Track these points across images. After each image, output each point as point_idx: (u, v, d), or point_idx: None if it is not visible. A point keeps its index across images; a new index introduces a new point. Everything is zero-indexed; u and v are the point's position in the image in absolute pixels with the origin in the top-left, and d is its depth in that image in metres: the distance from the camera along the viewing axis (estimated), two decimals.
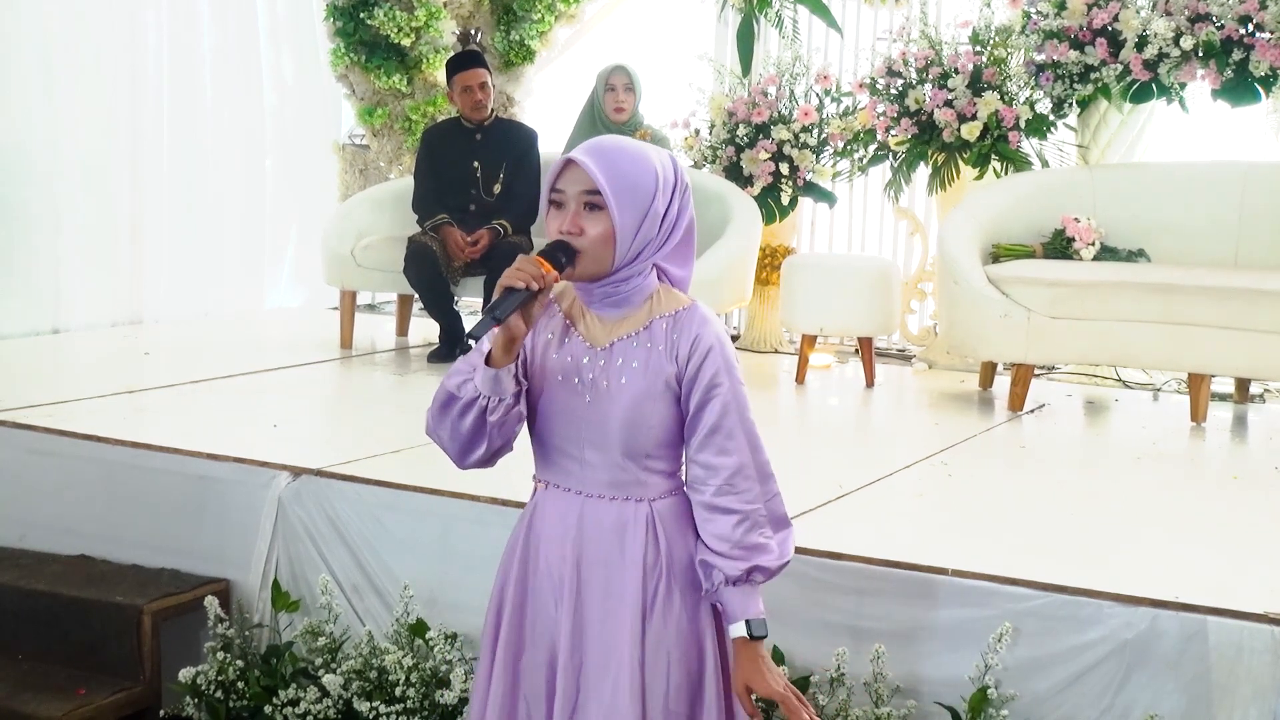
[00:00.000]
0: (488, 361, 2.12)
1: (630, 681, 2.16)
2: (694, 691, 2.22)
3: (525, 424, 2.23)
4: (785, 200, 6.31)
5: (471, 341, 2.11)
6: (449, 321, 5.79)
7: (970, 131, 5.66)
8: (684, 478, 2.25)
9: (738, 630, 2.18)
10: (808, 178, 6.32)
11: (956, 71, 5.72)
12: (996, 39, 5.80)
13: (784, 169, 6.21)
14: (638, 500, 2.20)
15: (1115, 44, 5.44)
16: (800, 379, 5.66)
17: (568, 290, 2.25)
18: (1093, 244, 5.27)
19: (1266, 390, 5.59)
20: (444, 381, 2.19)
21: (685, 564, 2.21)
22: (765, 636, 2.20)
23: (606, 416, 2.16)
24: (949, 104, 5.71)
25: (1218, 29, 5.28)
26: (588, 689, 2.19)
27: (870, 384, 5.62)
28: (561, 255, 2.11)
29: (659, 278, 2.23)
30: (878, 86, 5.94)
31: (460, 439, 2.18)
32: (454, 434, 2.18)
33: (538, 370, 2.21)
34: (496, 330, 2.07)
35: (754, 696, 2.22)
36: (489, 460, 2.22)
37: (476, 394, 2.13)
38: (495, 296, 2.07)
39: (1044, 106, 5.73)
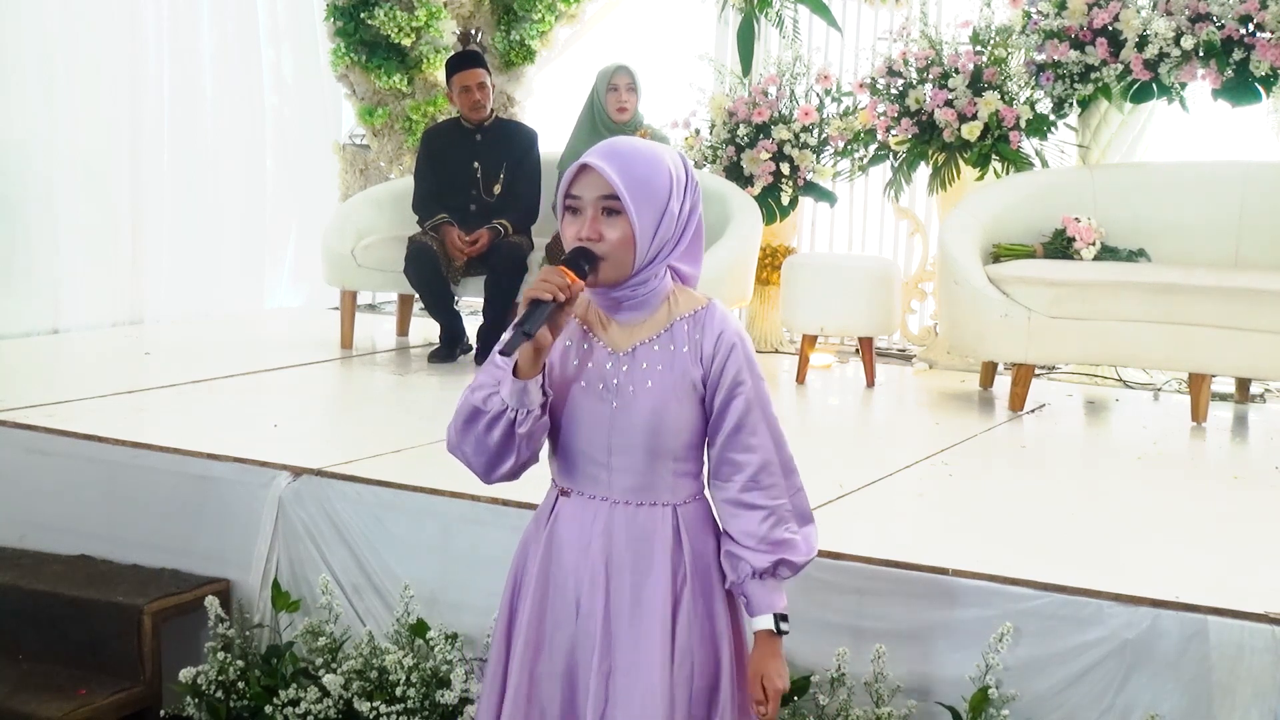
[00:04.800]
0: (515, 373, 2.10)
1: (661, 687, 2.16)
2: (711, 694, 2.23)
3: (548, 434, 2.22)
4: (785, 200, 6.31)
5: (502, 357, 2.08)
6: (449, 321, 5.79)
7: (970, 131, 5.66)
8: (705, 477, 2.25)
9: (764, 623, 2.19)
10: (808, 178, 6.32)
11: (957, 71, 5.72)
12: (997, 39, 5.80)
13: (784, 169, 6.21)
14: (664, 505, 2.19)
15: (1116, 44, 5.44)
16: (800, 379, 5.66)
17: (582, 296, 2.23)
18: (1093, 244, 5.27)
19: (1266, 390, 5.59)
20: (466, 397, 2.16)
21: (706, 567, 2.21)
22: (788, 632, 2.22)
23: (632, 421, 2.15)
24: (949, 104, 5.71)
25: (1218, 29, 5.28)
26: (616, 695, 2.18)
27: (871, 384, 5.62)
28: (584, 263, 2.10)
29: (672, 277, 2.22)
30: (878, 86, 5.93)
31: (487, 453, 2.16)
32: (480, 448, 2.16)
33: (558, 379, 2.20)
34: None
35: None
36: (515, 473, 2.21)
37: (504, 407, 2.11)
38: (521, 310, 2.05)
39: (1044, 106, 5.73)
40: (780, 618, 2.20)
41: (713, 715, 2.23)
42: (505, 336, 2.06)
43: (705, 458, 2.25)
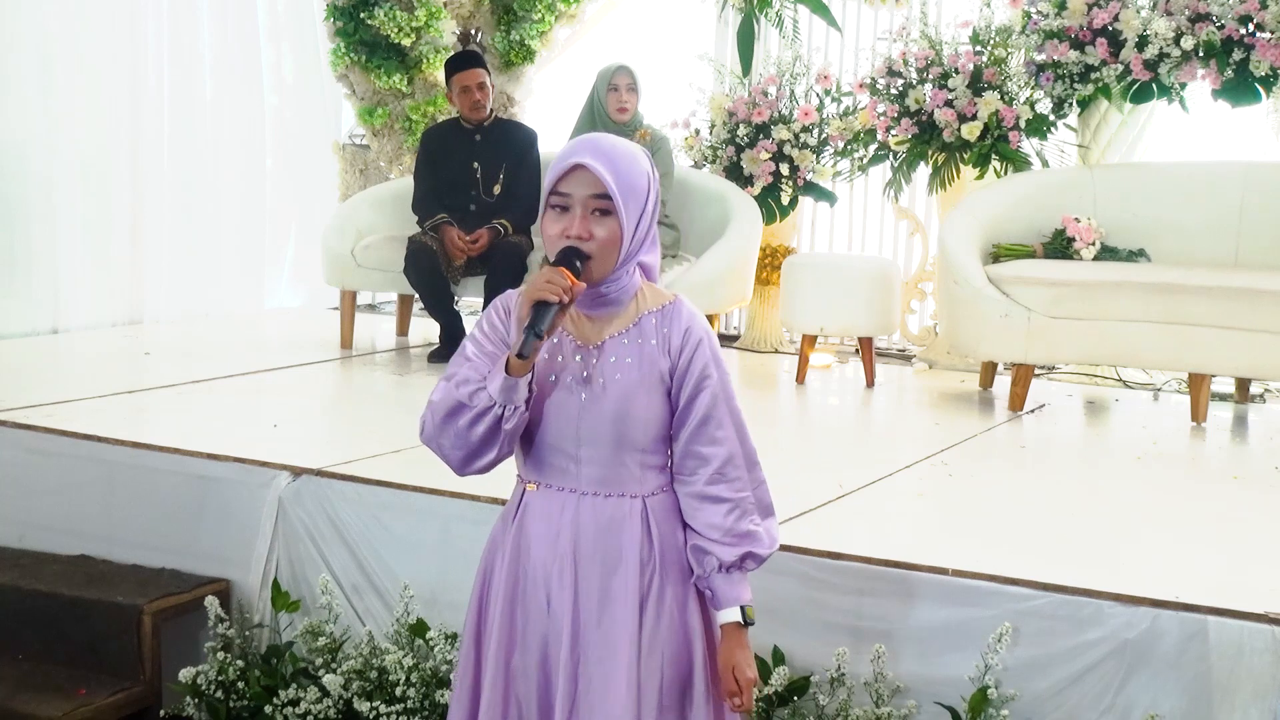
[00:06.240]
0: (508, 370, 2.11)
1: (627, 679, 2.18)
2: (684, 686, 2.25)
3: None
4: (785, 200, 6.31)
5: (519, 359, 2.09)
6: (449, 321, 5.78)
7: (970, 131, 5.66)
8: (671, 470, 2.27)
9: (731, 615, 2.23)
10: (808, 178, 6.32)
11: (957, 71, 5.72)
12: (996, 39, 5.80)
13: (784, 169, 6.21)
14: (632, 496, 2.22)
15: (1115, 44, 5.44)
16: (800, 379, 5.66)
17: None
18: (1093, 244, 5.27)
19: (1266, 390, 5.59)
20: (449, 391, 2.17)
21: (675, 558, 2.24)
22: (754, 623, 2.25)
23: (601, 413, 2.18)
24: (949, 104, 5.71)
25: (1218, 29, 5.28)
26: (587, 687, 2.20)
27: (870, 384, 5.62)
28: (577, 262, 2.12)
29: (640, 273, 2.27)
30: (878, 86, 5.94)
31: (468, 447, 2.17)
32: (461, 442, 2.17)
33: None
34: (516, 341, 2.09)
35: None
36: (490, 467, 2.23)
37: (491, 403, 2.13)
38: (527, 313, 2.07)
39: (1044, 106, 5.73)
40: (748, 610, 2.24)
41: (686, 707, 2.25)
42: (516, 340, 2.08)
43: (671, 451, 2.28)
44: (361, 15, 6.91)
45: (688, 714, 2.25)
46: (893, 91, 5.90)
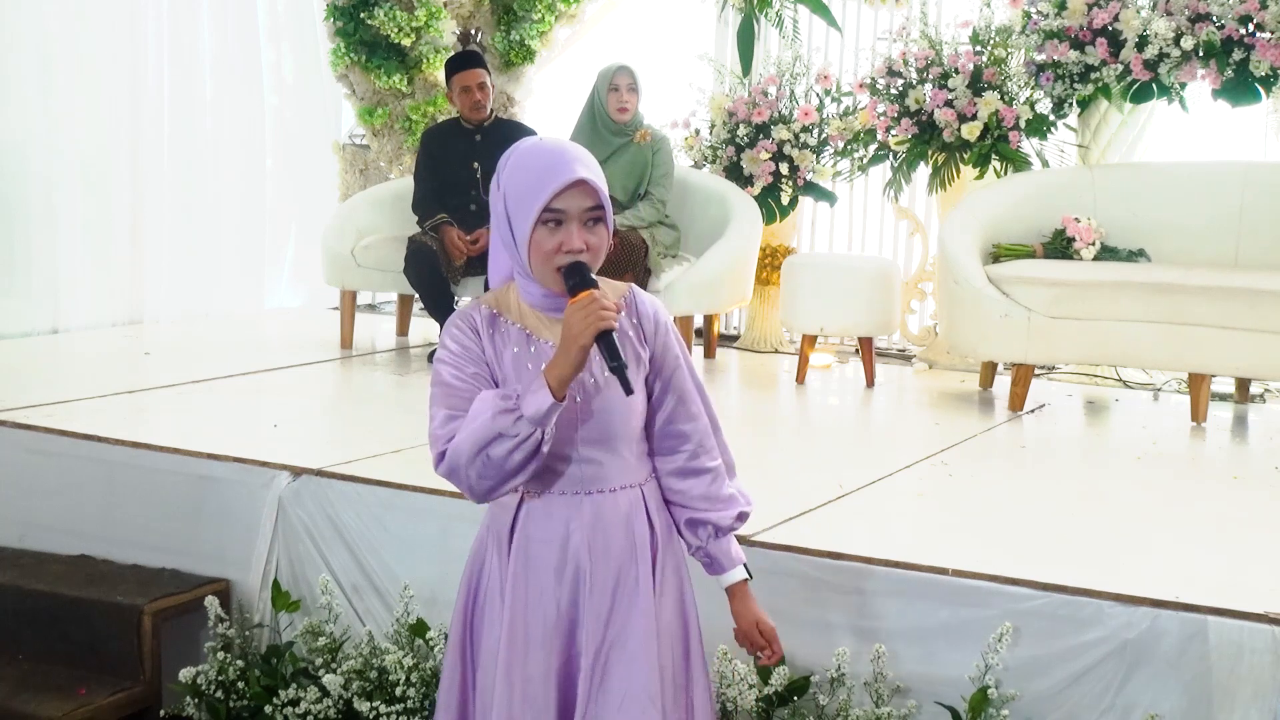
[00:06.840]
0: (554, 396, 2.08)
1: (647, 667, 2.20)
2: (686, 659, 2.30)
3: None
4: (785, 200, 6.31)
5: (628, 394, 2.10)
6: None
7: (970, 131, 5.66)
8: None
9: (738, 575, 2.32)
10: (808, 178, 6.32)
11: (956, 71, 5.72)
12: (996, 39, 5.80)
13: (784, 169, 6.21)
14: (631, 487, 2.25)
15: (1115, 44, 5.44)
16: (800, 379, 5.66)
17: (509, 300, 2.23)
18: (1093, 244, 5.27)
19: (1266, 390, 5.59)
20: (486, 422, 2.09)
21: (668, 539, 2.29)
22: (753, 578, 2.35)
23: (596, 410, 2.20)
24: (949, 104, 5.71)
25: (1218, 29, 5.28)
26: (606, 683, 2.21)
27: (870, 384, 5.62)
28: (590, 276, 2.13)
29: None
30: (878, 86, 5.94)
31: (503, 475, 2.11)
32: (494, 471, 2.11)
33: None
34: (567, 366, 2.07)
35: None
36: (509, 492, 2.20)
37: (533, 429, 2.08)
38: (590, 344, 2.06)
39: (1044, 106, 5.73)
40: (748, 567, 2.33)
41: (690, 683, 2.30)
42: (618, 380, 2.08)
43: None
44: (361, 15, 6.91)
45: (691, 686, 2.30)
46: (893, 91, 5.90)
